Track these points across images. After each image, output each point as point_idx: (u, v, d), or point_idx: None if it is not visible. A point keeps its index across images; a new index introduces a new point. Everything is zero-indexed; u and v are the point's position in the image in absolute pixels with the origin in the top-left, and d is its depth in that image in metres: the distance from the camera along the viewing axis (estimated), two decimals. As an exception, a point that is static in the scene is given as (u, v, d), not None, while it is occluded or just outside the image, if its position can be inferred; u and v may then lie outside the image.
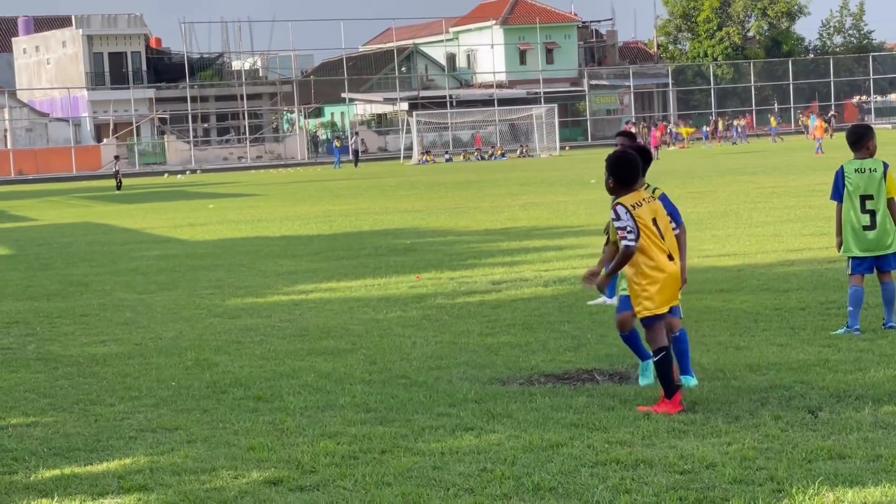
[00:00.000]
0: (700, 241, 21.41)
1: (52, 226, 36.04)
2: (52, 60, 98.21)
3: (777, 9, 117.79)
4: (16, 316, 16.24)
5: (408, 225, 28.99)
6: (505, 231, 25.83)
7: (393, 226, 29.00)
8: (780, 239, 20.80)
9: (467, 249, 22.46)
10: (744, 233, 22.32)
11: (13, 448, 8.92)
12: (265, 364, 11.87)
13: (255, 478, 7.86)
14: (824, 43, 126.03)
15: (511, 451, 8.13)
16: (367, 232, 27.65)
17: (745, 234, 22.14)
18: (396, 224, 29.47)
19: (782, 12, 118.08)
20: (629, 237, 9.10)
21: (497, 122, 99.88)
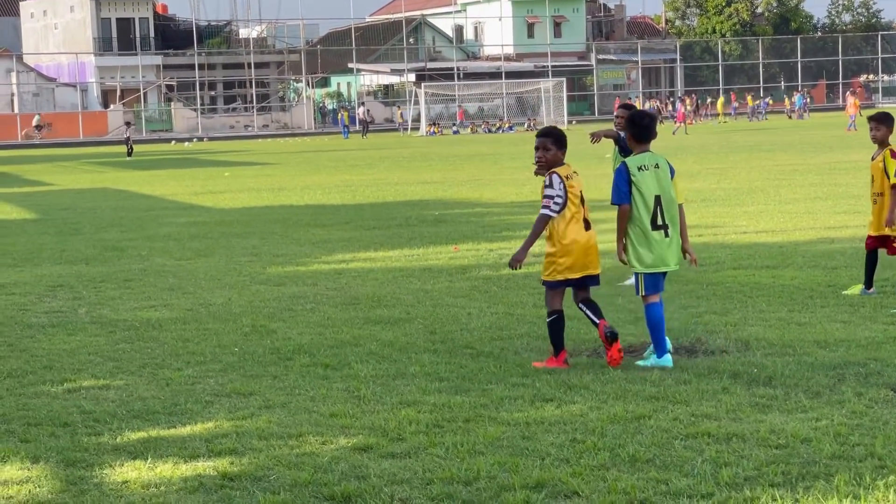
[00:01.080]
0: (733, 217, 21.43)
1: (71, 191, 36.00)
2: (60, 25, 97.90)
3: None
4: (58, 279, 16.24)
5: (431, 196, 28.97)
6: (532, 204, 25.71)
7: (417, 197, 28.98)
8: (814, 216, 20.79)
9: (498, 221, 22.47)
10: (776, 210, 22.30)
11: (92, 410, 8.94)
12: (324, 332, 11.88)
13: (344, 444, 7.87)
14: (833, 21, 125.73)
15: (597, 422, 8.15)
16: (392, 203, 27.63)
17: (777, 210, 22.13)
18: (420, 195, 29.46)
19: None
20: (553, 207, 9.71)
21: (504, 95, 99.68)
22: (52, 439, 8.15)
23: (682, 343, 10.76)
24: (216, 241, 20.61)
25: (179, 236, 21.44)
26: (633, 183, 9.82)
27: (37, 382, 9.93)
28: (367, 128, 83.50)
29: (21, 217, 27.04)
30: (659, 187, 9.86)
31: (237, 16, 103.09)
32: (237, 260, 17.92)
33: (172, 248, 19.73)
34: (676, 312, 12.23)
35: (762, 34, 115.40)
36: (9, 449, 7.91)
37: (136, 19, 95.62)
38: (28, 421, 8.65)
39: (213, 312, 13.28)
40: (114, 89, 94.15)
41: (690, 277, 14.47)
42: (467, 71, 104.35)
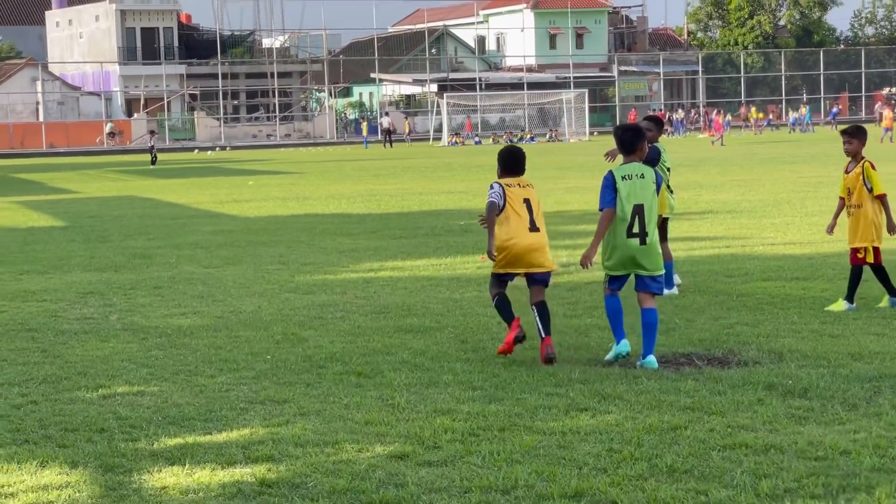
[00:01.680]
0: (760, 228, 21.41)
1: (97, 199, 36.13)
2: (85, 34, 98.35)
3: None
4: (89, 286, 16.30)
5: (456, 206, 29.00)
6: (557, 214, 25.77)
7: (441, 206, 29.02)
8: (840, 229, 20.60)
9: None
10: (802, 221, 22.26)
11: (128, 416, 8.98)
12: (355, 340, 11.90)
13: (380, 451, 7.89)
14: (856, 34, 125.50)
15: (633, 432, 8.15)
16: (417, 212, 27.66)
17: (803, 223, 22.09)
18: (444, 205, 29.49)
19: (814, 2, 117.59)
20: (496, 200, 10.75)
21: (526, 106, 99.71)
22: (90, 445, 8.19)
23: (715, 354, 10.74)
24: (243, 249, 20.67)
25: (207, 244, 21.50)
26: (616, 190, 10.38)
27: (72, 388, 9.98)
28: (389, 138, 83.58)
29: (49, 224, 27.16)
30: (641, 197, 10.39)
31: (260, 26, 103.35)
32: (265, 268, 17.96)
33: (200, 255, 19.79)
34: (707, 323, 12.23)
35: (785, 47, 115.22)
36: (47, 454, 7.95)
37: (161, 29, 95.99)
38: (65, 426, 8.69)
39: (243, 320, 13.32)
40: (138, 98, 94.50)
41: (720, 289, 14.48)
42: (489, 81, 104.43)
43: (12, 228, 26.22)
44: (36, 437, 8.43)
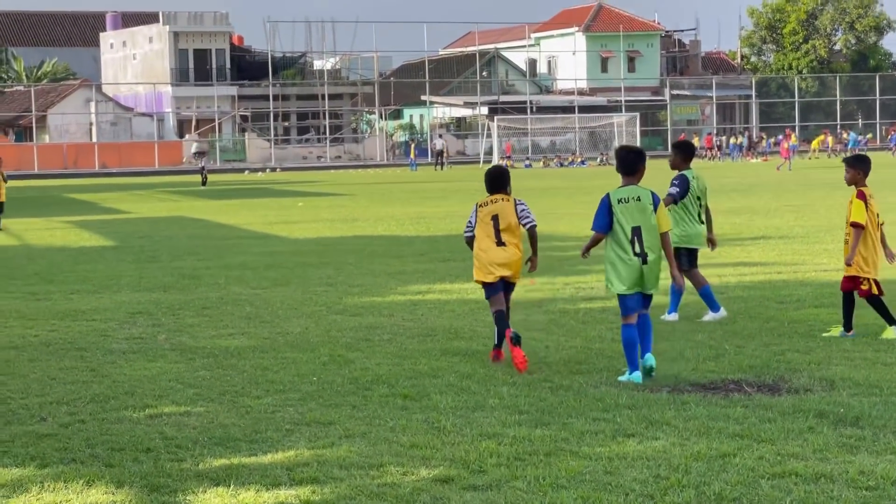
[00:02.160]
0: (813, 254, 21.22)
1: (148, 219, 36.37)
2: (138, 56, 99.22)
3: (865, 23, 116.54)
4: (138, 307, 16.38)
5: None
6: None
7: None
8: (894, 255, 20.48)
9: (574, 255, 22.28)
10: (855, 248, 22.03)
11: (174, 436, 8.99)
12: (402, 362, 11.87)
13: (425, 475, 7.85)
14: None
15: (681, 458, 8.06)
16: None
17: (856, 249, 21.84)
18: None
19: (870, 26, 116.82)
20: (466, 230, 12.14)
21: (577, 129, 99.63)
22: (136, 464, 8.20)
23: (765, 381, 10.62)
24: (291, 270, 20.71)
25: (255, 265, 21.57)
26: (613, 213, 10.84)
27: (119, 408, 10.01)
28: (441, 160, 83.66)
29: (100, 244, 27.34)
30: (639, 219, 10.81)
31: (312, 48, 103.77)
32: (313, 290, 17.99)
33: (248, 276, 19.85)
34: (758, 350, 12.11)
35: (839, 71, 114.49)
36: (94, 473, 7.97)
37: (213, 50, 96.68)
38: (111, 446, 8.71)
39: (290, 341, 13.33)
40: (189, 119, 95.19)
41: (772, 315, 14.35)
42: (540, 105, 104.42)
43: (64, 248, 26.43)
44: (83, 457, 8.45)
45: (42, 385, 11.06)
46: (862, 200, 12.73)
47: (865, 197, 12.77)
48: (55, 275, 20.67)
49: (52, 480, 7.84)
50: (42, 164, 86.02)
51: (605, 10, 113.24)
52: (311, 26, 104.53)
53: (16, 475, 8.02)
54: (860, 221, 12.66)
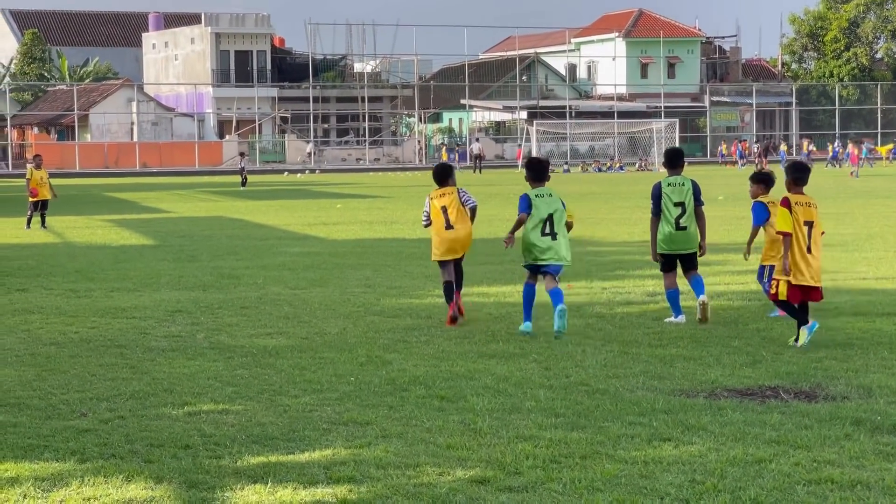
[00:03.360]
0: (851, 262, 21.14)
1: (187, 219, 36.58)
2: (180, 56, 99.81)
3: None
4: (177, 305, 16.50)
5: (543, 233, 28.92)
6: (644, 243, 25.58)
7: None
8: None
9: (611, 260, 22.36)
10: (895, 257, 21.94)
11: (212, 433, 9.07)
12: (439, 364, 11.93)
13: (461, 476, 7.89)
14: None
15: (716, 463, 8.07)
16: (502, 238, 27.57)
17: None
18: (531, 232, 29.43)
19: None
20: (423, 220, 15.26)
21: (615, 135, 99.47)
22: (175, 461, 8.28)
23: (802, 387, 10.61)
24: (330, 271, 20.80)
25: (294, 266, 21.67)
26: (532, 204, 13.95)
27: (158, 405, 10.10)
28: (479, 163, 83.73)
29: (140, 243, 27.54)
30: (551, 208, 13.97)
31: (352, 50, 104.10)
32: (351, 291, 18.06)
33: (287, 277, 19.95)
34: (795, 356, 12.09)
35: (881, 79, 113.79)
36: (133, 469, 8.06)
37: (254, 52, 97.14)
38: (151, 442, 8.80)
39: (328, 342, 13.40)
40: (230, 120, 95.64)
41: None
42: (579, 110, 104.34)
43: (105, 246, 26.63)
44: (123, 452, 8.54)
45: (82, 381, 11.17)
46: (786, 207, 12.81)
47: (790, 204, 12.83)
48: (96, 273, 20.85)
49: (92, 475, 7.94)
50: (83, 162, 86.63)
51: (646, 15, 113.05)
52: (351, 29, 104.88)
53: (56, 469, 8.12)
54: (787, 230, 12.76)
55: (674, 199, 14.48)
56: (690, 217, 14.48)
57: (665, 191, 14.52)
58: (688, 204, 14.46)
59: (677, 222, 14.46)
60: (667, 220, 14.50)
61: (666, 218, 14.50)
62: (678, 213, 14.45)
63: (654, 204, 14.58)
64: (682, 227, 14.47)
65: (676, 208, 14.46)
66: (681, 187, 14.52)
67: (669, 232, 14.50)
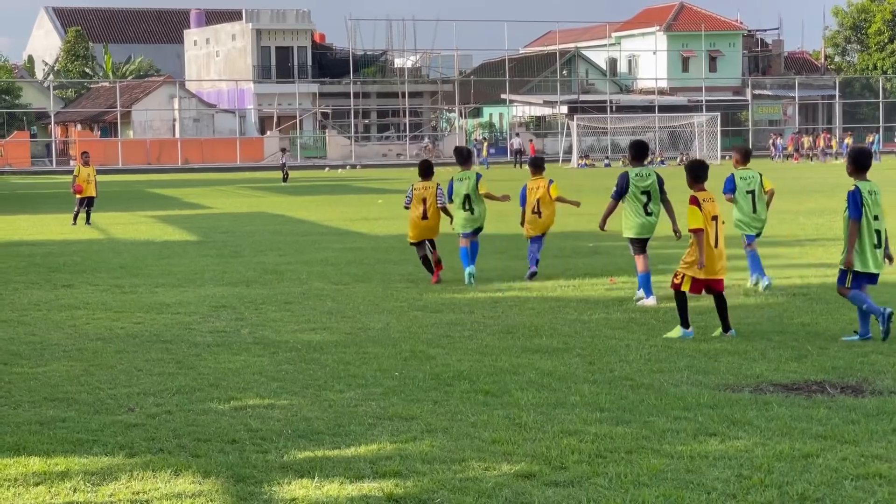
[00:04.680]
0: (896, 256, 20.97)
1: (230, 214, 36.75)
2: (221, 53, 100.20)
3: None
4: (221, 300, 16.59)
5: (585, 228, 28.87)
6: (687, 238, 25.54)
7: (570, 228, 28.92)
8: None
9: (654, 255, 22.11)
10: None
11: (258, 428, 9.12)
12: (482, 359, 11.94)
13: (506, 470, 7.91)
14: None
15: (763, 458, 8.05)
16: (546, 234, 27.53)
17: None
18: (572, 227, 29.39)
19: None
20: (406, 201, 19.04)
21: (657, 129, 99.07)
22: (222, 455, 8.34)
23: (849, 382, 10.56)
24: (372, 266, 20.86)
25: (336, 261, 21.74)
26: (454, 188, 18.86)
27: (205, 399, 10.17)
28: (520, 158, 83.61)
29: (183, 239, 27.69)
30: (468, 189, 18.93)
31: (393, 45, 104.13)
32: (394, 286, 18.12)
33: (330, 272, 20.02)
34: (841, 351, 12.04)
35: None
36: (181, 463, 8.12)
37: (295, 48, 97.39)
38: (198, 437, 8.86)
39: (372, 337, 13.45)
40: (271, 116, 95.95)
41: (854, 317, 14.18)
42: (620, 104, 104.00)
43: (149, 242, 26.80)
44: (170, 447, 8.61)
45: (129, 376, 11.26)
46: (695, 206, 13.13)
47: (698, 202, 13.14)
48: (140, 268, 20.99)
49: (141, 469, 8.00)
50: (126, 159, 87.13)
51: (687, 9, 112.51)
52: (392, 24, 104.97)
53: (105, 464, 8.20)
54: (698, 226, 13.07)
55: (640, 188, 16.04)
56: (657, 204, 16.19)
57: (633, 181, 16.10)
58: (653, 192, 16.12)
59: (645, 209, 16.15)
60: (636, 210, 16.12)
61: (635, 207, 16.12)
62: (645, 200, 16.09)
63: (618, 191, 16.26)
64: (650, 212, 16.23)
65: (643, 196, 16.08)
66: (647, 178, 16.22)
67: (639, 220, 16.16)
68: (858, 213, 12.74)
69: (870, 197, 12.84)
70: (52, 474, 7.96)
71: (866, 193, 12.80)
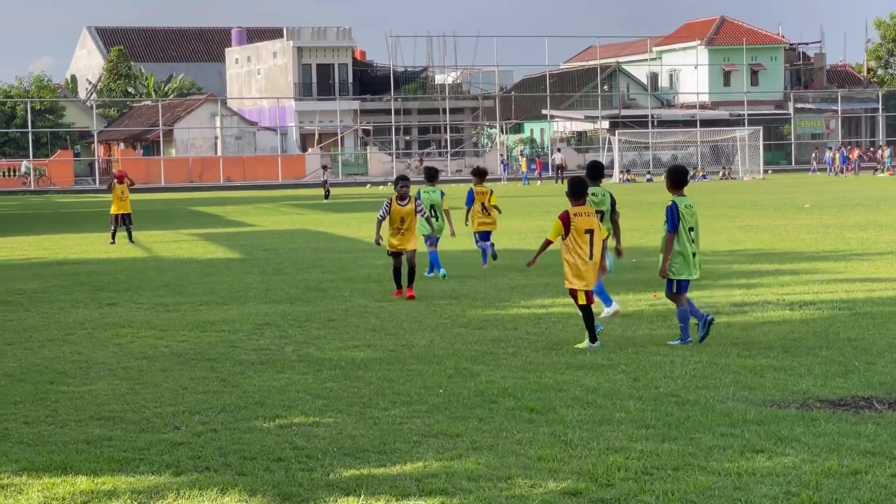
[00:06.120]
0: (943, 270, 20.82)
1: (272, 232, 36.88)
2: (263, 71, 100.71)
3: None
4: (265, 318, 16.65)
5: (627, 244, 28.68)
6: (730, 253, 25.50)
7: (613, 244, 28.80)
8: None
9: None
10: None
11: (303, 446, 9.14)
12: (527, 376, 11.92)
13: (552, 488, 7.88)
14: None
15: (811, 475, 7.99)
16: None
17: None
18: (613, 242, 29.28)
19: None
20: (380, 215, 19.19)
21: (698, 143, 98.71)
22: (268, 473, 8.36)
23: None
24: (415, 283, 20.81)
25: (379, 278, 21.76)
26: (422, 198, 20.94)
27: (250, 418, 10.20)
28: (561, 174, 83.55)
29: (226, 256, 27.80)
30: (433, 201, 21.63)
31: (433, 62, 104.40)
32: (437, 302, 18.11)
33: (373, 289, 20.05)
34: (888, 366, 11.95)
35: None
36: (227, 481, 8.14)
37: (336, 65, 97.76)
38: (243, 455, 8.88)
39: (416, 354, 13.45)
40: (312, 133, 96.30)
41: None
42: (661, 118, 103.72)
43: (192, 260, 26.93)
44: (216, 465, 8.63)
45: (174, 394, 11.31)
46: (561, 220, 13.93)
47: (568, 217, 13.92)
48: (184, 286, 21.09)
49: (188, 488, 8.03)
50: (168, 177, 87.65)
51: (728, 23, 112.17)
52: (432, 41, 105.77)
53: (152, 482, 8.23)
54: (550, 238, 14.09)
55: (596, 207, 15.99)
56: (607, 222, 16.58)
57: (590, 199, 15.94)
58: (606, 211, 16.66)
59: None
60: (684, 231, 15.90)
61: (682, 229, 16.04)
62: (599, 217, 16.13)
63: None
64: None
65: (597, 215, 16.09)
66: (603, 196, 16.71)
67: None
68: (674, 227, 13.95)
69: (686, 211, 14.03)
70: (100, 493, 8.00)
71: (683, 208, 14.00)
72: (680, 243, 13.96)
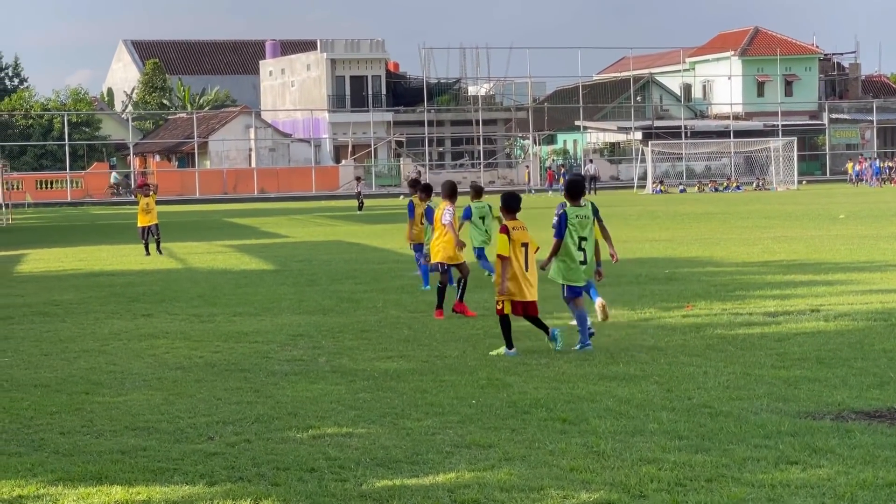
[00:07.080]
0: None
1: (306, 243, 36.99)
2: (296, 83, 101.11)
3: None
4: (298, 329, 16.70)
5: (661, 254, 28.75)
6: (765, 264, 25.38)
7: (645, 254, 28.80)
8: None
9: (730, 280, 22.13)
10: None
11: (336, 457, 9.16)
12: (560, 386, 11.91)
13: (585, 499, 7.88)
14: None
15: (846, 487, 7.96)
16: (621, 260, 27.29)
17: None
18: (648, 253, 29.27)
19: None
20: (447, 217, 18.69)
21: (732, 154, 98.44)
22: (301, 484, 8.38)
23: (932, 409, 10.41)
24: (447, 294, 20.81)
25: (412, 289, 21.79)
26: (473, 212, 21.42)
27: (283, 428, 10.23)
28: (594, 185, 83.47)
29: (260, 268, 27.90)
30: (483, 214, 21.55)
31: (466, 73, 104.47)
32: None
33: (406, 300, 20.08)
34: (924, 378, 11.86)
35: None
36: (260, 492, 8.17)
37: (369, 77, 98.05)
38: (277, 465, 8.92)
39: (448, 365, 13.46)
40: (345, 145, 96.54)
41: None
42: (695, 129, 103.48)
43: (226, 271, 27.04)
44: (250, 475, 8.67)
45: (208, 405, 11.36)
46: (504, 234, 14.05)
47: (508, 231, 14.07)
48: (218, 297, 21.18)
49: (221, 498, 8.06)
50: (203, 189, 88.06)
51: (762, 33, 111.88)
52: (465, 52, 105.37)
53: (186, 492, 8.27)
54: (504, 254, 14.00)
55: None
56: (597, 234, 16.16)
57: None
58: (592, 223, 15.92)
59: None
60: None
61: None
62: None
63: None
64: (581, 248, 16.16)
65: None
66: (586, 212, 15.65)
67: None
68: (560, 234, 14.61)
69: (577, 220, 14.57)
70: (134, 503, 8.05)
71: (574, 217, 14.56)
72: (566, 251, 14.58)
